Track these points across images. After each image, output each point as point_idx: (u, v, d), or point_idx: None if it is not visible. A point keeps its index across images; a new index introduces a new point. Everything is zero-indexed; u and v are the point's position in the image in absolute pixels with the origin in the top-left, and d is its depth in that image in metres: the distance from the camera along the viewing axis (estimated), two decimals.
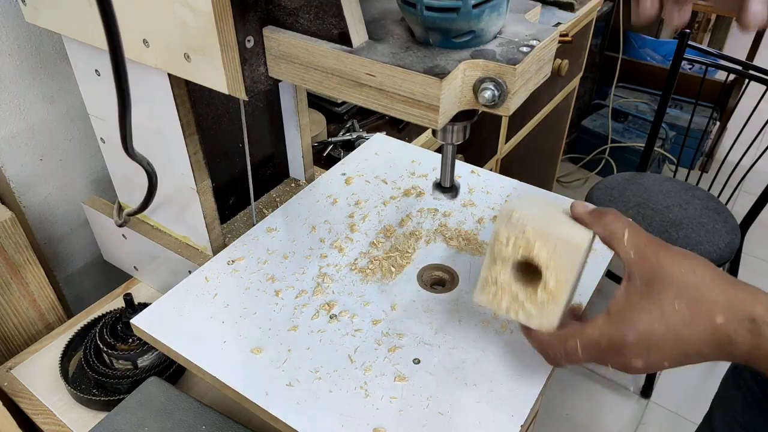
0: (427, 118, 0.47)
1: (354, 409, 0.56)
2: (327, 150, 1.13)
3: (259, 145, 0.85)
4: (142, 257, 0.85)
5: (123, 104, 0.49)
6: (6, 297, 0.78)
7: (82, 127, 0.93)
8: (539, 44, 0.47)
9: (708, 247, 1.56)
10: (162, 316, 0.66)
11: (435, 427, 0.55)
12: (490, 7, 0.45)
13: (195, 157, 0.69)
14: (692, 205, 1.67)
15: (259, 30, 0.52)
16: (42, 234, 0.94)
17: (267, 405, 0.56)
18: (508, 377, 0.59)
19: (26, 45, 0.82)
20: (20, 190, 0.89)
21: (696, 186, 1.77)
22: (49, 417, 0.72)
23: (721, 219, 1.64)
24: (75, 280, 1.02)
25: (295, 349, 0.62)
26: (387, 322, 0.65)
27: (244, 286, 0.69)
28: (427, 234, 0.77)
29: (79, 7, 0.61)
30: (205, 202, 0.73)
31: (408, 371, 0.60)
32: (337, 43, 0.49)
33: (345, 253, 0.74)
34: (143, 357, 0.74)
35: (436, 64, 0.46)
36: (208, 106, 0.74)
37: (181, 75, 0.58)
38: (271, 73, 0.55)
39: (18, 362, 0.78)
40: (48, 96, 0.87)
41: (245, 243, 0.76)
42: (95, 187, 0.99)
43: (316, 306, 0.67)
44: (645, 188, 1.74)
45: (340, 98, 0.52)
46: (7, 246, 0.76)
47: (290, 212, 0.81)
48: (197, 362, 0.60)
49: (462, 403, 0.57)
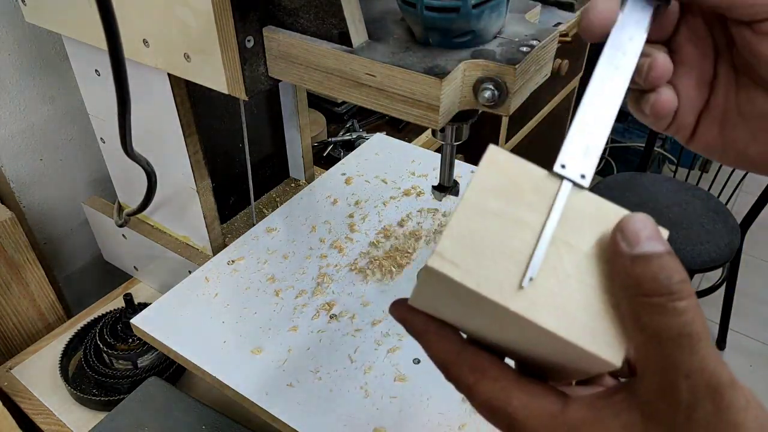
0: (427, 118, 0.47)
1: (354, 409, 0.56)
2: (327, 150, 1.13)
3: (259, 145, 0.85)
4: (142, 257, 0.85)
5: (123, 104, 0.49)
6: (6, 297, 0.78)
7: (82, 127, 0.93)
8: (539, 44, 0.47)
9: (708, 247, 1.56)
10: (162, 316, 0.66)
11: (435, 427, 0.55)
12: (490, 7, 0.45)
13: (195, 157, 0.69)
14: (692, 205, 1.67)
15: (259, 30, 0.52)
16: (42, 234, 0.94)
17: (267, 405, 0.56)
18: None
19: (26, 45, 0.82)
20: (20, 190, 0.89)
21: (696, 186, 1.77)
22: (49, 417, 0.72)
23: (721, 219, 1.64)
24: (75, 280, 1.02)
25: (295, 349, 0.62)
26: (387, 322, 0.65)
27: (244, 286, 0.69)
28: (427, 234, 0.77)
29: (79, 7, 0.61)
30: (205, 202, 0.73)
31: (408, 371, 0.60)
32: (337, 43, 0.49)
33: (345, 253, 0.74)
34: (143, 357, 0.74)
35: (436, 64, 0.46)
36: (208, 106, 0.74)
37: (181, 75, 0.58)
38: (271, 73, 0.55)
39: (18, 362, 0.78)
40: (48, 96, 0.87)
41: (245, 243, 0.75)
42: (95, 187, 0.99)
43: (316, 306, 0.67)
44: (645, 188, 1.74)
45: (340, 98, 0.52)
46: (7, 246, 0.76)
47: (290, 212, 0.81)
48: (197, 362, 0.60)
49: (462, 403, 0.57)
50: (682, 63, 0.34)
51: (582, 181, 0.27)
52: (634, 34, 0.31)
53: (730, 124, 0.34)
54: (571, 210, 0.27)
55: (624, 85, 0.31)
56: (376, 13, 0.53)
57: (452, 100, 0.47)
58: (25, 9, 0.67)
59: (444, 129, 0.54)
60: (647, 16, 0.31)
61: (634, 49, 0.31)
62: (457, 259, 0.26)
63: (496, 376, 0.29)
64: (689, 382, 0.24)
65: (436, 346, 0.30)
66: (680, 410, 0.25)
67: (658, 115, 0.34)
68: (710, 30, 0.33)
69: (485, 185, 0.27)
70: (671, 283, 0.24)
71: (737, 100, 0.34)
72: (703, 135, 0.35)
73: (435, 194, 0.62)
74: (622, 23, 0.31)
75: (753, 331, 2.06)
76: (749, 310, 2.10)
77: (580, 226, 0.27)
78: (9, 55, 0.81)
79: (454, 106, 0.48)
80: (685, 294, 0.25)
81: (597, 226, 0.27)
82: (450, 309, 0.30)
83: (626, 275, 0.25)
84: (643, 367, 0.26)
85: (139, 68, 0.61)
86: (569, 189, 0.27)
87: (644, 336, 0.25)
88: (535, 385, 0.29)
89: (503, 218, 0.27)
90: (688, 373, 0.24)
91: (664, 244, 0.25)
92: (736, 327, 2.02)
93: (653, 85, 0.33)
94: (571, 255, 0.27)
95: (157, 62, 0.58)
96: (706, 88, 0.35)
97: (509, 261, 0.26)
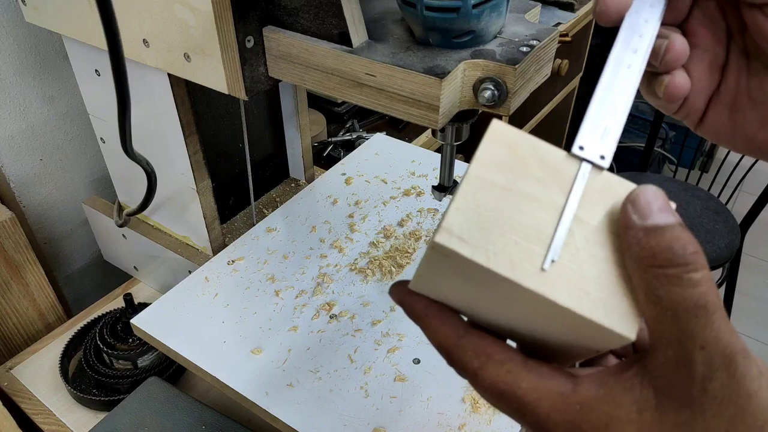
0: (427, 118, 0.47)
1: (354, 409, 0.56)
2: (327, 150, 1.13)
3: (259, 145, 0.85)
4: (142, 257, 0.85)
5: (123, 104, 0.49)
6: (6, 297, 0.78)
7: (82, 127, 0.93)
8: (539, 44, 0.47)
9: (708, 247, 1.56)
10: (162, 316, 0.66)
11: (435, 427, 0.55)
12: (490, 7, 0.45)
13: (195, 157, 0.69)
14: (692, 205, 1.67)
15: (259, 30, 0.52)
16: (42, 234, 0.94)
17: (267, 405, 0.56)
18: None
19: (26, 45, 0.82)
20: (20, 190, 0.89)
21: (696, 186, 1.77)
22: (49, 417, 0.72)
23: (721, 219, 1.64)
24: (75, 280, 1.02)
25: (295, 349, 0.62)
26: (387, 323, 0.65)
27: (244, 286, 0.69)
28: (427, 234, 0.77)
29: (79, 7, 0.61)
30: (205, 202, 0.73)
31: (408, 371, 0.60)
32: (337, 43, 0.49)
33: (345, 253, 0.74)
34: (143, 357, 0.74)
35: (436, 64, 0.46)
36: (208, 106, 0.74)
37: (181, 75, 0.58)
38: (271, 73, 0.55)
39: (18, 362, 0.78)
40: (48, 96, 0.87)
41: (245, 243, 0.75)
42: (95, 187, 0.99)
43: (316, 306, 0.67)
44: None
45: (340, 98, 0.52)
46: (7, 246, 0.76)
47: (290, 212, 0.81)
48: (197, 362, 0.60)
49: (462, 403, 0.57)
50: (695, 46, 0.34)
51: (602, 162, 0.27)
52: (649, 16, 0.31)
53: (740, 110, 0.34)
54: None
55: (641, 66, 0.30)
56: (376, 13, 0.53)
57: (452, 100, 0.47)
58: (25, 9, 0.67)
59: (444, 129, 0.54)
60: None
61: (650, 32, 0.31)
62: (465, 234, 0.25)
63: (502, 359, 0.28)
64: (705, 354, 0.24)
65: (437, 330, 0.30)
66: (695, 382, 0.25)
67: (671, 98, 0.34)
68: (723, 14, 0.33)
69: (490, 159, 0.26)
70: (686, 254, 0.24)
71: (748, 86, 0.34)
72: (713, 120, 0.35)
73: (435, 194, 0.62)
74: (638, 6, 0.31)
75: (753, 331, 2.06)
76: (749, 310, 2.10)
77: (589, 199, 0.26)
78: (9, 55, 0.81)
79: (454, 106, 0.48)
80: (699, 265, 0.24)
81: (606, 199, 0.26)
82: (454, 290, 0.29)
83: (639, 247, 0.25)
84: (657, 341, 0.25)
85: (139, 68, 0.61)
86: (589, 170, 0.27)
87: (658, 308, 0.25)
88: (542, 366, 0.28)
89: (511, 193, 0.26)
90: (703, 344, 0.24)
91: (675, 215, 0.25)
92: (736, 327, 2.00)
93: (669, 67, 0.33)
94: (581, 229, 0.26)
95: (157, 62, 0.58)
96: (718, 72, 0.34)
97: (520, 236, 0.25)
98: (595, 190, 0.27)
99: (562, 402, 0.27)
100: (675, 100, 0.34)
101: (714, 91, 0.35)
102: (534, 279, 0.25)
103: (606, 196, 0.27)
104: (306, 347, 0.62)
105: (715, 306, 0.24)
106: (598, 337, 0.26)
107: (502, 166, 0.26)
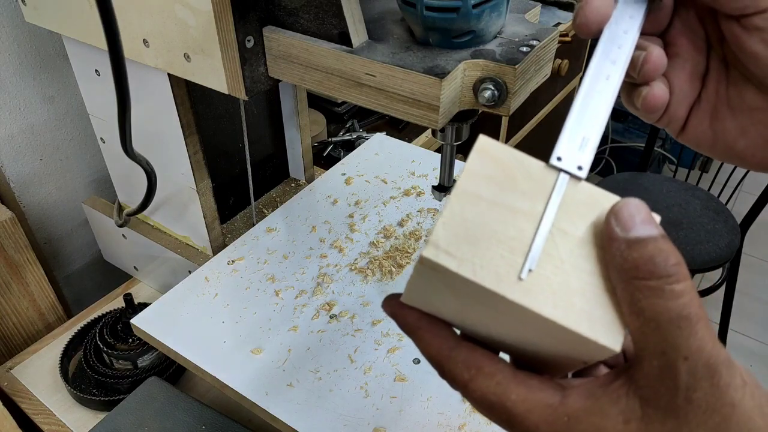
0: (427, 118, 0.47)
1: (354, 409, 0.56)
2: (327, 150, 1.13)
3: (259, 145, 0.85)
4: (142, 257, 0.85)
5: (123, 104, 0.49)
6: (6, 297, 0.78)
7: (82, 127, 0.93)
8: (539, 44, 0.47)
9: (708, 247, 1.56)
10: (162, 316, 0.66)
11: (435, 427, 0.55)
12: (490, 7, 0.45)
13: (195, 157, 0.69)
14: (692, 205, 1.67)
15: (259, 30, 0.52)
16: (42, 234, 0.94)
17: (267, 405, 0.56)
18: None
19: (26, 45, 0.82)
20: (20, 190, 0.89)
21: (696, 186, 1.77)
22: (49, 417, 0.72)
23: (721, 219, 1.64)
24: (75, 280, 1.02)
25: (295, 349, 0.62)
26: (387, 322, 0.65)
27: (244, 286, 0.69)
28: (427, 234, 0.77)
29: (79, 7, 0.61)
30: (205, 202, 0.73)
31: (408, 371, 0.60)
32: (337, 43, 0.49)
33: (345, 253, 0.74)
34: (143, 357, 0.74)
35: (436, 64, 0.46)
36: (208, 106, 0.74)
37: (181, 75, 0.58)
38: (271, 73, 0.55)
39: (18, 362, 0.78)
40: (48, 96, 0.87)
41: (245, 243, 0.75)
42: (95, 187, 0.99)
43: (316, 306, 0.67)
44: (645, 188, 1.74)
45: (340, 98, 0.52)
46: (7, 246, 0.76)
47: (290, 212, 0.81)
48: (197, 362, 0.60)
49: (462, 402, 0.57)
50: (676, 56, 0.34)
51: (579, 173, 0.27)
52: (628, 27, 0.31)
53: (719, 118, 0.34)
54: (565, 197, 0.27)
55: (620, 77, 0.30)
56: (376, 13, 0.53)
57: (452, 100, 0.47)
58: (25, 9, 0.67)
59: (444, 129, 0.54)
60: (642, 10, 0.32)
61: (629, 43, 0.31)
62: (452, 248, 0.25)
63: (491, 371, 0.28)
64: (688, 364, 0.24)
65: (428, 343, 0.30)
66: (680, 392, 0.25)
67: (650, 108, 0.34)
68: (703, 24, 0.34)
69: (477, 174, 0.27)
70: (668, 266, 0.24)
71: (727, 94, 0.34)
72: (694, 128, 0.35)
73: (435, 194, 0.62)
74: (617, 17, 0.31)
75: (753, 331, 2.06)
76: (749, 310, 2.10)
77: (574, 212, 0.27)
78: (9, 55, 0.81)
79: (454, 106, 0.48)
80: (681, 276, 0.24)
81: (590, 212, 0.27)
82: (444, 302, 0.29)
83: (622, 259, 0.25)
84: (641, 352, 0.26)
85: (139, 68, 0.61)
86: (566, 181, 0.27)
87: (642, 320, 0.25)
88: (531, 378, 0.28)
89: (497, 206, 0.26)
90: (687, 354, 0.24)
91: (658, 228, 0.25)
92: (736, 327, 2.02)
93: (647, 78, 0.33)
94: (566, 241, 0.26)
95: (157, 62, 0.58)
96: (699, 81, 0.35)
97: (505, 249, 0.26)
98: (580, 203, 0.27)
99: (550, 414, 0.27)
100: (654, 111, 0.34)
101: (695, 99, 0.35)
102: (519, 292, 0.25)
103: (590, 209, 0.27)
104: (306, 347, 0.62)
105: (698, 316, 0.24)
106: (583, 349, 0.27)
107: (489, 181, 0.27)
